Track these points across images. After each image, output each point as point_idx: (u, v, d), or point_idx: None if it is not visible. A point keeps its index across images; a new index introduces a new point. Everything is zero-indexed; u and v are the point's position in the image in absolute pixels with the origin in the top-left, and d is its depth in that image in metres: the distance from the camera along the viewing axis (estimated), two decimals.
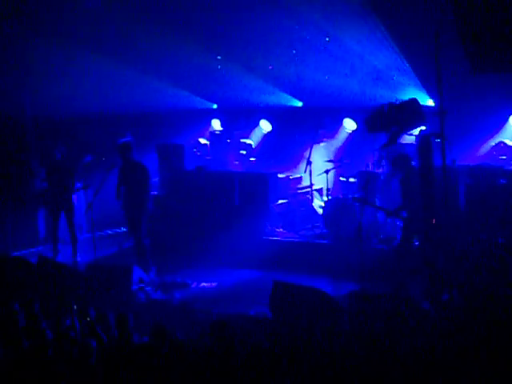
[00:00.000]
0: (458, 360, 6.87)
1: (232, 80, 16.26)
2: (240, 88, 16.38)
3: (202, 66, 15.94)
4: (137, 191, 12.59)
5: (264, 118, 16.54)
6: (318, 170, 14.34)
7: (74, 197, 13.90)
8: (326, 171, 14.04)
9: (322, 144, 15.15)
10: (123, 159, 12.69)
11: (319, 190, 14.89)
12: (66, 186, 13.59)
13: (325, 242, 13.26)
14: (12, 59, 14.16)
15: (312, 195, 14.57)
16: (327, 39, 14.60)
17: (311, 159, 14.35)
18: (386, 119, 11.32)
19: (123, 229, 15.01)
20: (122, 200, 12.76)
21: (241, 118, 16.93)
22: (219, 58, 15.84)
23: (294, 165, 15.49)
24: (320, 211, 14.05)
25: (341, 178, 14.37)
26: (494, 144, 13.76)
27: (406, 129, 11.87)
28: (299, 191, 14.94)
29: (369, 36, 13.93)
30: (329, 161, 14.50)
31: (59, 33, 14.06)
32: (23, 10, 13.66)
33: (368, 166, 13.91)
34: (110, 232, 15.52)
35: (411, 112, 11.23)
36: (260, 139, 16.60)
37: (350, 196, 13.15)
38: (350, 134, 15.10)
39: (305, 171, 14.43)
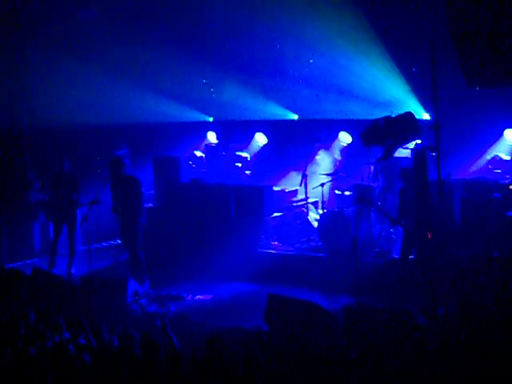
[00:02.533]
0: (453, 374, 6.86)
1: (228, 93, 16.29)
2: (236, 101, 16.40)
3: (198, 79, 15.97)
4: (130, 204, 12.60)
5: (260, 130, 16.54)
6: (313, 183, 14.37)
7: None
8: (322, 184, 14.07)
9: (317, 157, 15.16)
10: (115, 174, 12.68)
11: (315, 203, 14.89)
12: (71, 198, 13.61)
13: (320, 255, 13.24)
14: (9, 71, 14.16)
15: (307, 208, 14.57)
16: (311, 61, 14.72)
17: (307, 172, 14.39)
18: (381, 133, 11.35)
19: (118, 241, 14.98)
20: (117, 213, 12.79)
21: (236, 131, 16.92)
22: (205, 81, 15.95)
23: (290, 178, 15.48)
24: (315, 224, 14.04)
25: (336, 191, 14.37)
26: (489, 158, 13.79)
27: (402, 142, 11.88)
28: (294, 204, 14.92)
29: (364, 49, 13.96)
30: (324, 174, 14.53)
31: (57, 45, 14.09)
32: (21, 22, 13.68)
33: (363, 180, 13.92)
34: (105, 244, 15.49)
35: (407, 125, 11.25)
36: (255, 152, 16.60)
37: (345, 208, 13.16)
38: (345, 147, 15.11)
39: (300, 184, 14.46)
